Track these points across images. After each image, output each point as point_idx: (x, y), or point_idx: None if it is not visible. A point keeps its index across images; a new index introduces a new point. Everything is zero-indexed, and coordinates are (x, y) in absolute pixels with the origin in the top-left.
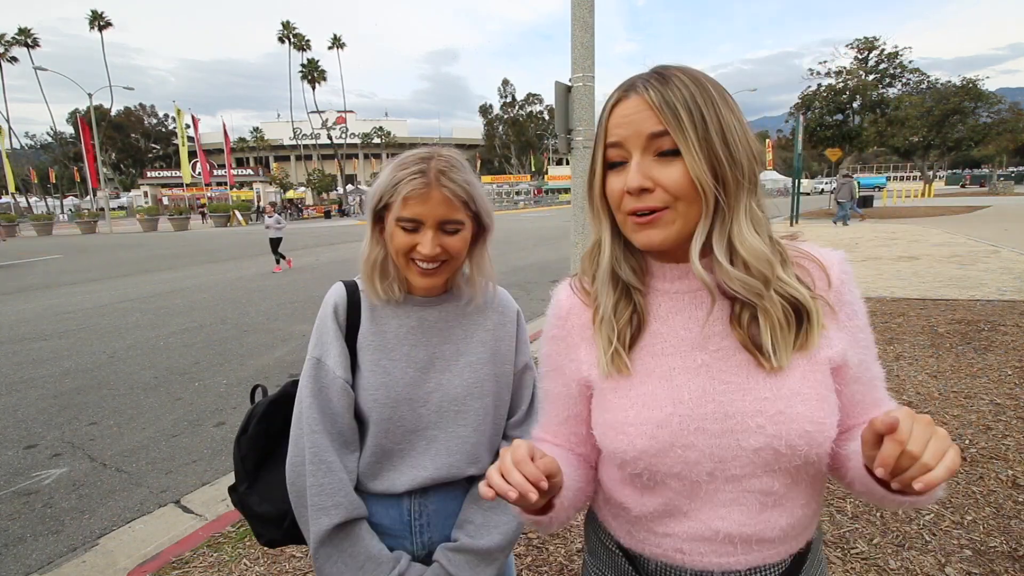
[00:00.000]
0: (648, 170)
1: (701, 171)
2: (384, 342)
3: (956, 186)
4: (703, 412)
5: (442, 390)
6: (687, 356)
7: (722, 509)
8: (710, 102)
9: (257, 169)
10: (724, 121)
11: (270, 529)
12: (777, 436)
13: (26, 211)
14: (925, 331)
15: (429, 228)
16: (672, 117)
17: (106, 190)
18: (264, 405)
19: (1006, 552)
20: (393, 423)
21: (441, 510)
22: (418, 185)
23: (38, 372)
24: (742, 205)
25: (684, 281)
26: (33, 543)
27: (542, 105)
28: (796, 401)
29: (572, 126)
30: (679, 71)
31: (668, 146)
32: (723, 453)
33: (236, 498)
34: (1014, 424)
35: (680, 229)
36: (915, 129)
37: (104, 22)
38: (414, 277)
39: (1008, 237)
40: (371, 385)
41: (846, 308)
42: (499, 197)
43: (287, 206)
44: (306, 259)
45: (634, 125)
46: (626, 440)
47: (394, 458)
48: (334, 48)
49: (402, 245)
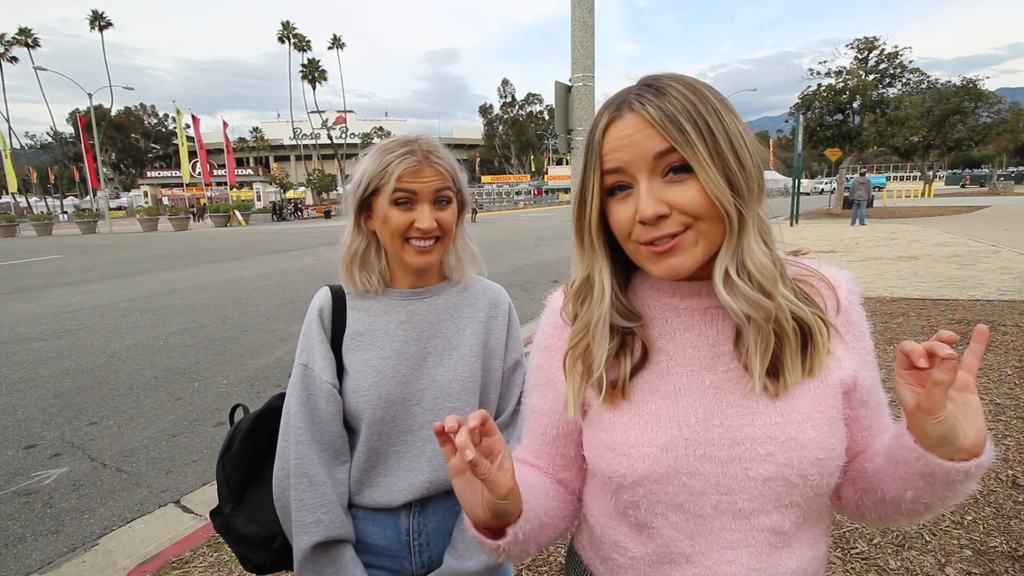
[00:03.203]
0: (660, 194)
1: (718, 188)
2: (373, 341)
3: (956, 186)
4: (710, 436)
5: (436, 386)
6: (694, 376)
7: (729, 552)
8: (712, 110)
9: (257, 169)
10: (729, 128)
11: (258, 552)
12: (788, 465)
13: (26, 211)
14: (925, 331)
15: (425, 202)
16: (677, 132)
17: (106, 190)
18: (249, 420)
19: (1006, 552)
20: (386, 424)
21: (440, 528)
22: (411, 163)
23: (38, 372)
24: (752, 215)
25: (696, 298)
26: (33, 543)
27: (542, 105)
28: (807, 426)
29: (572, 126)
30: (672, 80)
31: (677, 162)
32: (730, 483)
33: (220, 521)
34: (1014, 424)
35: (704, 250)
36: (915, 129)
37: (104, 22)
38: (411, 257)
39: (1008, 237)
40: (361, 386)
41: (853, 329)
42: (499, 197)
43: (287, 206)
44: (306, 259)
45: (636, 147)
46: (626, 463)
47: (389, 461)
48: (334, 48)
49: (399, 225)
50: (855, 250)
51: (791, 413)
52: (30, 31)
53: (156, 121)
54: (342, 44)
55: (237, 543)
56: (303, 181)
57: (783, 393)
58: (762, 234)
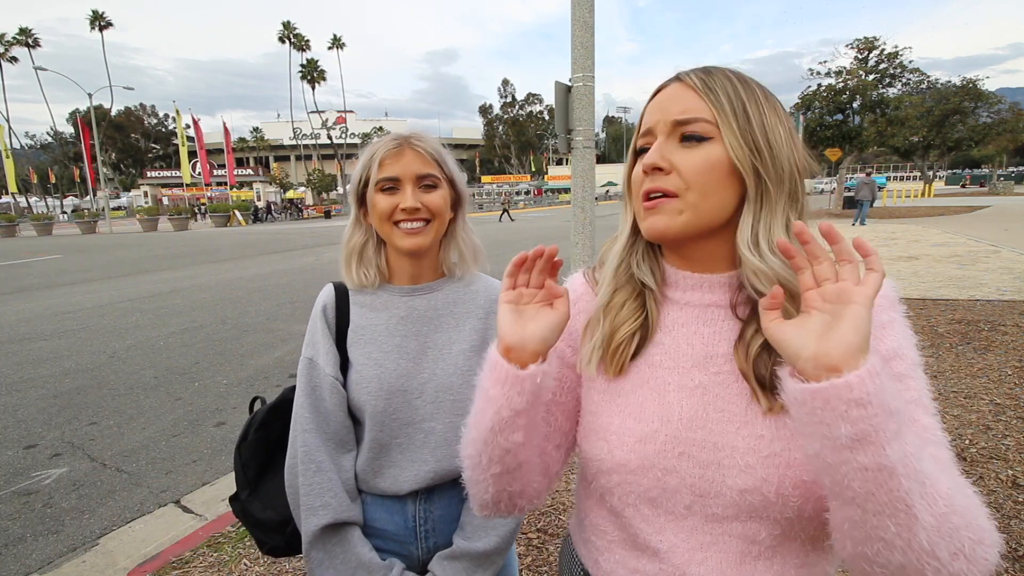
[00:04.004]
0: (668, 152)
1: (742, 152)
2: (375, 335)
3: (956, 186)
4: (691, 437)
5: (437, 380)
6: (685, 373)
7: (700, 553)
8: (755, 100)
9: (257, 169)
10: (767, 121)
11: (273, 536)
12: (767, 480)
13: (26, 211)
14: (925, 331)
15: (408, 183)
16: (713, 99)
17: (106, 190)
18: (263, 412)
19: (1006, 552)
20: (388, 415)
21: (446, 515)
22: (392, 147)
23: (38, 372)
24: (780, 211)
25: (697, 292)
26: (33, 543)
27: (542, 105)
28: (796, 446)
29: (572, 126)
30: (727, 69)
31: (694, 131)
32: (705, 487)
33: (238, 507)
34: (1014, 424)
35: (688, 221)
36: (915, 129)
37: (104, 22)
38: (400, 239)
39: (1008, 237)
40: (364, 378)
41: (876, 332)
42: (500, 197)
43: (287, 206)
44: (306, 259)
45: (665, 109)
46: (605, 448)
47: (393, 453)
48: (334, 48)
49: (385, 208)
50: None
51: (781, 429)
52: (30, 31)
53: (156, 121)
54: (342, 44)
55: (254, 527)
56: (303, 181)
57: (778, 409)
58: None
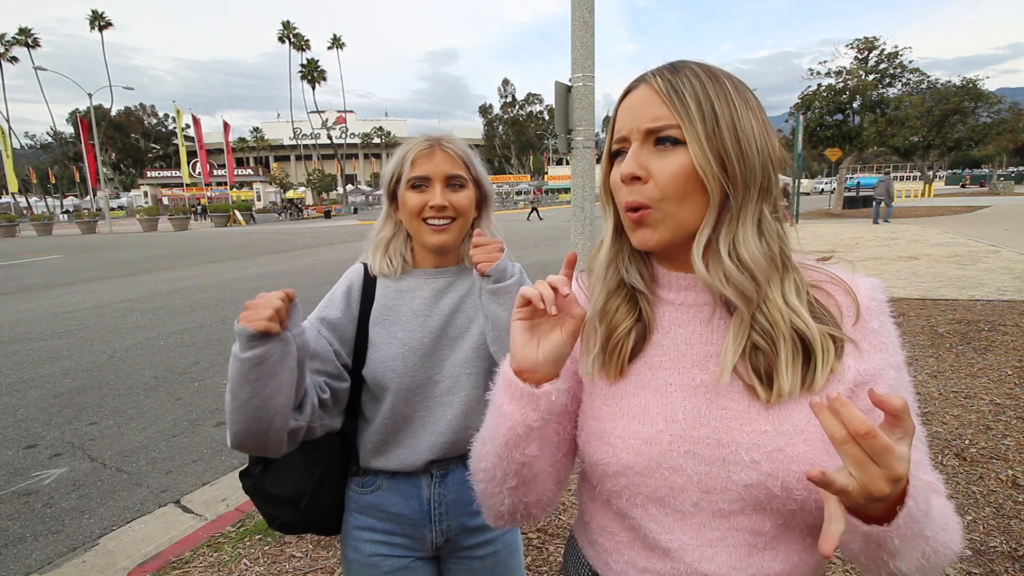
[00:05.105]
0: (644, 159)
1: (705, 161)
2: (399, 315)
3: (956, 186)
4: (695, 435)
5: (455, 357)
6: (685, 373)
7: (709, 549)
8: (723, 96)
9: (257, 169)
10: (738, 117)
11: (285, 511)
12: (772, 475)
13: (26, 211)
14: (925, 331)
15: (437, 183)
16: (679, 104)
17: (106, 190)
18: None
19: (1006, 552)
20: (411, 391)
21: (459, 499)
22: (424, 147)
23: (38, 372)
24: (751, 210)
25: (690, 292)
26: (33, 543)
27: (542, 105)
28: (799, 440)
29: (572, 126)
30: (695, 64)
31: (666, 133)
32: (712, 483)
33: (249, 483)
34: (1014, 424)
35: (673, 230)
36: (915, 129)
37: (104, 22)
38: (427, 236)
39: (1008, 237)
40: (389, 356)
41: (871, 338)
42: (499, 197)
43: (287, 206)
44: (306, 259)
45: (636, 115)
46: (611, 452)
47: (414, 424)
48: (334, 48)
49: (415, 205)
50: (855, 250)
51: (783, 424)
52: (30, 31)
53: (156, 121)
54: (342, 44)
55: (265, 502)
56: (303, 181)
57: (775, 402)
58: (764, 232)
